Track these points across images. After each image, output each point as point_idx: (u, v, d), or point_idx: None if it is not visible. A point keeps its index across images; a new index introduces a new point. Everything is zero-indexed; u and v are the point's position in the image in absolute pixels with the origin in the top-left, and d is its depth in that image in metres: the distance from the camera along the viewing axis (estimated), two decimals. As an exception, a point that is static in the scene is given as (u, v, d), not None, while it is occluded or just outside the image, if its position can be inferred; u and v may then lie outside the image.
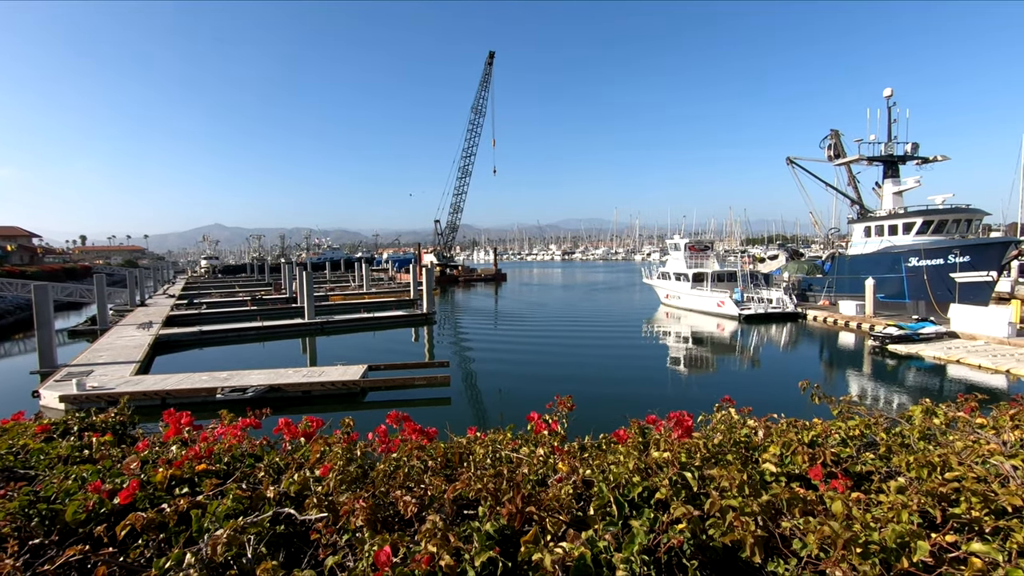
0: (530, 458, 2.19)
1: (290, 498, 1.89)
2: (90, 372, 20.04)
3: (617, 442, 2.80)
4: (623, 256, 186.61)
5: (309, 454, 2.29)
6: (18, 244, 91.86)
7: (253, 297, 48.36)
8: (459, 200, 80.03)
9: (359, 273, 65.13)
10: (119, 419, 3.36)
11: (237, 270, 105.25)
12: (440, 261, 78.07)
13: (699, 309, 38.77)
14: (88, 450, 2.53)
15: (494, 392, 20.47)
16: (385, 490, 1.83)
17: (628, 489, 1.80)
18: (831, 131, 42.59)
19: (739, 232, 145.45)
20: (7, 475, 2.14)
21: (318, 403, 18.16)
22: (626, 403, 16.99)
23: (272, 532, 1.63)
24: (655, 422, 3.00)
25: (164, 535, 1.68)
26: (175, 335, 30.21)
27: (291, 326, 33.92)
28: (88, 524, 1.72)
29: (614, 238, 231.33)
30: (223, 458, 2.22)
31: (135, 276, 47.31)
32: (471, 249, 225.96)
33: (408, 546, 1.45)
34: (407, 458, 2.11)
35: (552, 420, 2.78)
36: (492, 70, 75.28)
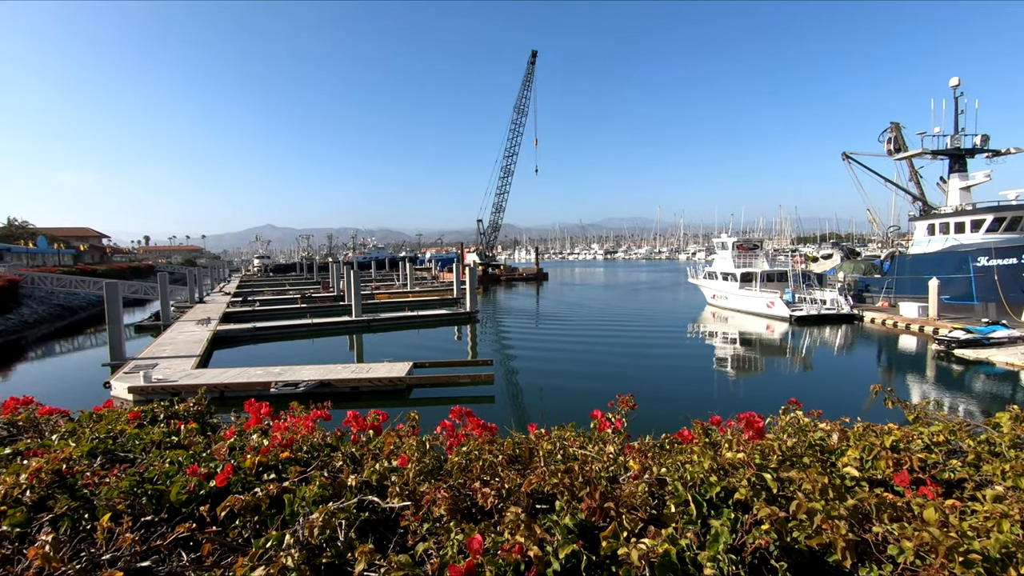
0: (600, 455, 2.20)
1: (371, 487, 1.96)
2: (155, 365, 21.18)
3: (681, 442, 2.78)
4: (667, 255, 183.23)
5: (383, 445, 2.37)
6: (90, 244, 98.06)
7: (303, 295, 50.00)
8: (501, 199, 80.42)
9: (403, 272, 66.42)
10: (197, 409, 3.57)
11: (287, 269, 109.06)
12: (482, 260, 78.65)
13: (747, 310, 37.65)
14: (177, 436, 2.70)
15: (536, 391, 20.51)
16: (463, 482, 1.88)
17: (705, 489, 1.78)
18: (891, 124, 40.51)
19: (789, 230, 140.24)
20: (110, 457, 2.31)
21: (366, 398, 18.65)
22: (672, 404, 16.69)
23: (359, 518, 1.70)
24: (719, 423, 2.96)
25: (259, 517, 1.78)
26: (231, 331, 31.59)
27: (339, 323, 34.89)
28: (191, 504, 1.84)
29: (658, 237, 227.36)
30: (303, 447, 2.32)
31: (194, 275, 49.75)
32: (513, 248, 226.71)
33: (493, 536, 1.49)
34: (478, 452, 2.15)
35: (616, 419, 2.78)
36: (535, 69, 75.27)
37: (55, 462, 1.95)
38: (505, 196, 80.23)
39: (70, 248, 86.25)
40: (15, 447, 2.36)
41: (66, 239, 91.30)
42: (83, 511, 1.76)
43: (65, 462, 1.98)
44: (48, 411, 3.14)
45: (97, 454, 2.29)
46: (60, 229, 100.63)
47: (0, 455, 2.26)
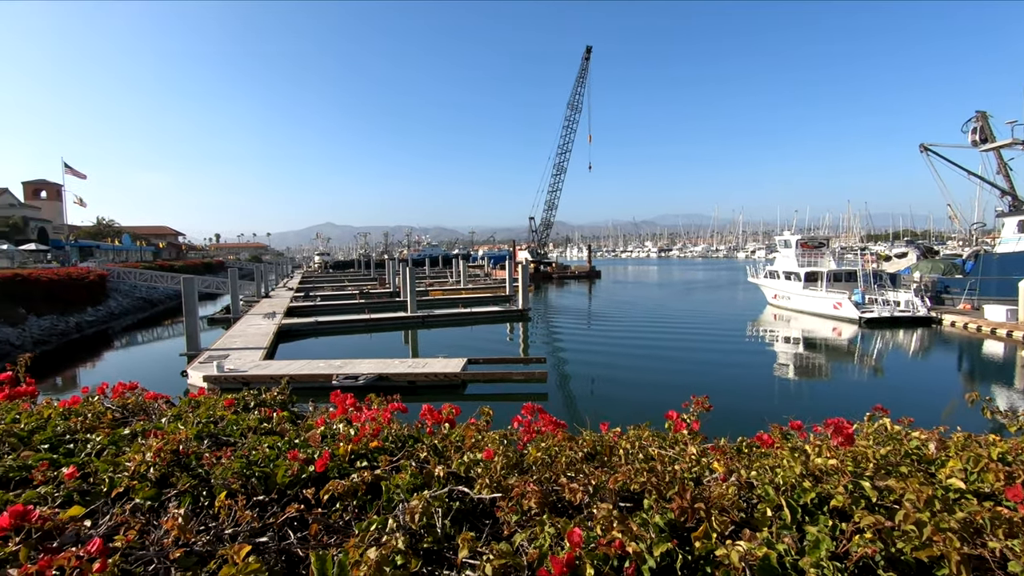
0: (681, 456, 2.18)
1: (457, 477, 2.03)
2: (227, 356, 22.46)
3: (759, 445, 2.72)
4: (724, 253, 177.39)
5: (463, 438, 2.45)
6: (167, 242, 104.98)
7: (361, 291, 51.67)
8: (554, 197, 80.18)
9: (456, 269, 67.42)
10: (281, 398, 3.78)
11: (346, 265, 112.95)
12: (534, 258, 78.71)
13: (812, 311, 35.95)
14: (268, 423, 2.88)
15: (588, 390, 20.38)
16: (549, 476, 1.92)
17: (798, 494, 1.74)
18: (976, 113, 37.56)
19: (859, 227, 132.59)
20: (215, 440, 2.49)
21: (422, 392, 19.08)
22: (734, 407, 16.19)
23: (451, 508, 1.77)
24: (800, 428, 2.88)
25: (356, 502, 1.88)
26: (295, 325, 33.04)
27: (395, 319, 35.81)
28: (294, 487, 1.97)
29: (715, 234, 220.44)
30: (388, 437, 2.42)
31: (260, 271, 52.33)
32: (565, 246, 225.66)
33: (586, 531, 1.52)
34: (558, 448, 2.19)
35: (692, 420, 2.75)
36: (589, 65, 74.52)
37: (173, 443, 2.13)
38: (558, 193, 79.97)
39: (150, 245, 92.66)
40: (132, 428, 2.58)
41: (147, 237, 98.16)
42: (201, 489, 1.92)
43: (180, 443, 2.16)
44: (153, 396, 3.41)
45: (203, 437, 2.48)
46: (141, 227, 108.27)
47: (121, 435, 2.48)
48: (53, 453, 2.26)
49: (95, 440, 2.41)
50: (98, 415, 2.81)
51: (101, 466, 2.06)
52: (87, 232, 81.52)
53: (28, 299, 32.45)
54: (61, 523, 1.54)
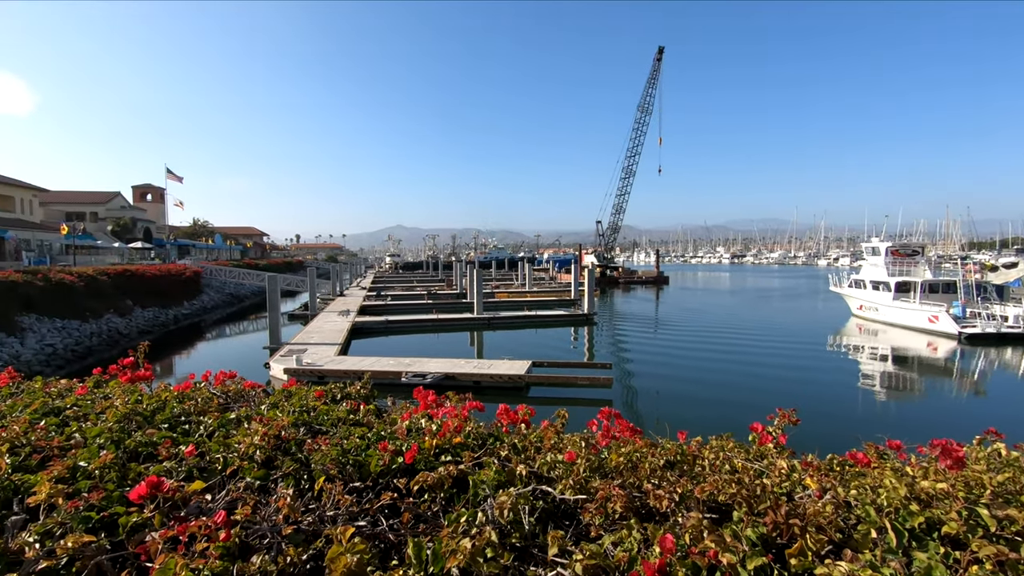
0: (769, 469, 2.11)
1: (538, 477, 2.07)
2: (305, 350, 23.73)
3: (854, 464, 2.58)
4: (803, 260, 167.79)
5: (542, 439, 2.48)
6: (253, 241, 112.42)
7: (429, 292, 53.08)
8: (622, 200, 78.97)
9: (522, 272, 67.81)
10: (364, 392, 3.97)
11: (415, 267, 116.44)
12: (600, 262, 77.81)
13: (903, 324, 33.31)
14: (355, 415, 3.03)
15: (653, 397, 19.89)
16: (633, 481, 1.91)
17: (903, 517, 1.64)
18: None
19: (959, 234, 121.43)
20: (309, 429, 2.66)
21: (487, 393, 19.31)
22: (817, 424, 15.28)
23: (536, 506, 1.81)
24: (899, 449, 2.71)
25: (443, 494, 1.96)
26: (367, 323, 34.41)
27: (461, 319, 36.50)
28: (385, 476, 2.08)
29: (793, 240, 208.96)
30: (470, 434, 2.50)
31: (336, 270, 54.96)
32: (632, 250, 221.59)
33: (675, 539, 1.51)
34: (640, 455, 2.17)
35: (779, 433, 2.65)
36: (661, 66, 72.89)
37: (275, 428, 2.29)
38: (626, 197, 78.69)
39: (239, 245, 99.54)
40: (237, 414, 2.80)
41: (236, 236, 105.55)
42: (302, 472, 2.06)
43: (282, 429, 2.32)
44: (250, 385, 3.68)
45: (299, 425, 2.66)
46: (231, 228, 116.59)
47: (228, 419, 2.70)
48: (172, 432, 2.50)
49: (206, 422, 2.64)
50: (207, 400, 3.08)
51: (214, 446, 2.26)
52: (184, 232, 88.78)
53: (135, 292, 35.76)
54: (187, 495, 1.71)
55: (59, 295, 28.58)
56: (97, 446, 2.15)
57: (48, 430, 2.37)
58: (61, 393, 3.30)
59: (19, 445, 2.14)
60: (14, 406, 2.75)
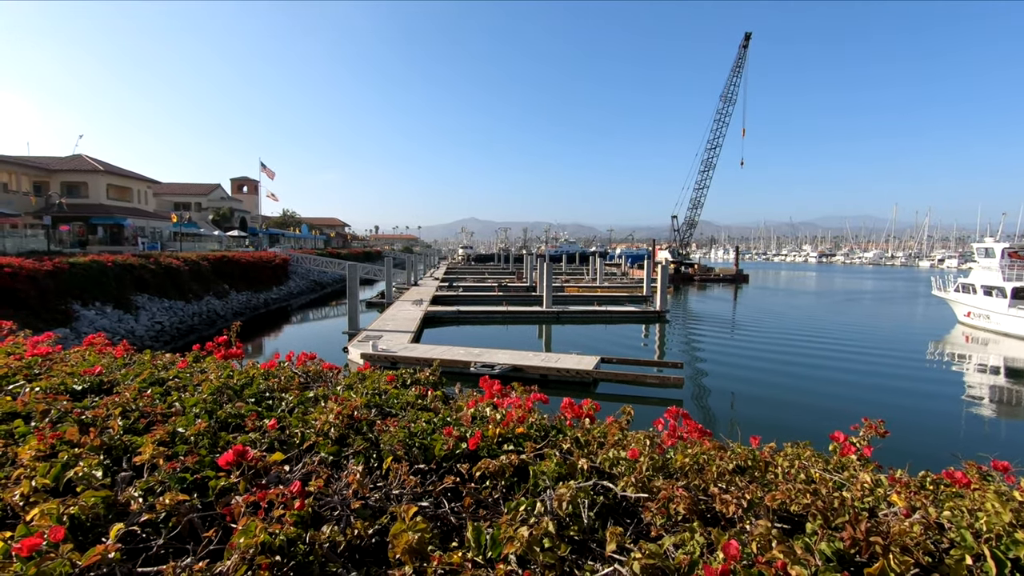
0: (850, 482, 1.97)
1: (599, 472, 2.05)
2: (380, 336, 24.74)
3: (950, 483, 2.35)
4: (902, 261, 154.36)
5: (605, 434, 2.45)
6: (336, 232, 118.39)
7: (499, 284, 53.67)
8: (700, 195, 75.97)
9: (593, 267, 67.03)
10: (433, 379, 4.09)
11: (487, 259, 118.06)
12: (675, 258, 75.39)
13: (1019, 334, 29.92)
14: (423, 400, 3.13)
15: (727, 399, 19.08)
16: (699, 483, 1.85)
17: (1006, 545, 1.49)
18: None
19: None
20: (379, 411, 2.78)
21: (553, 387, 19.27)
22: (904, 439, 14.11)
23: (595, 501, 1.79)
24: (1006, 470, 2.44)
25: (504, 482, 1.99)
26: (439, 312, 35.35)
27: (530, 312, 36.64)
28: (448, 460, 2.14)
29: (891, 239, 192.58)
30: (533, 425, 2.51)
31: (411, 261, 56.81)
32: (709, 247, 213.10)
33: (740, 547, 1.45)
34: (707, 457, 2.10)
35: (863, 445, 2.47)
36: (747, 53, 69.21)
37: (349, 408, 2.42)
38: (704, 191, 75.61)
39: (322, 235, 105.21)
40: (315, 393, 2.98)
41: (320, 227, 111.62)
42: (372, 451, 2.16)
43: (355, 409, 2.44)
44: (328, 366, 3.89)
45: (371, 407, 2.78)
46: (316, 219, 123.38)
47: (307, 397, 2.87)
48: (257, 406, 2.69)
49: (287, 399, 2.83)
50: (289, 378, 3.29)
51: (293, 422, 2.42)
52: (275, 222, 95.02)
53: (231, 277, 38.75)
54: (268, 464, 1.84)
55: (167, 278, 31.55)
56: (193, 415, 2.36)
57: (154, 398, 2.63)
58: (166, 366, 3.65)
59: (129, 410, 2.39)
60: (127, 375, 3.07)
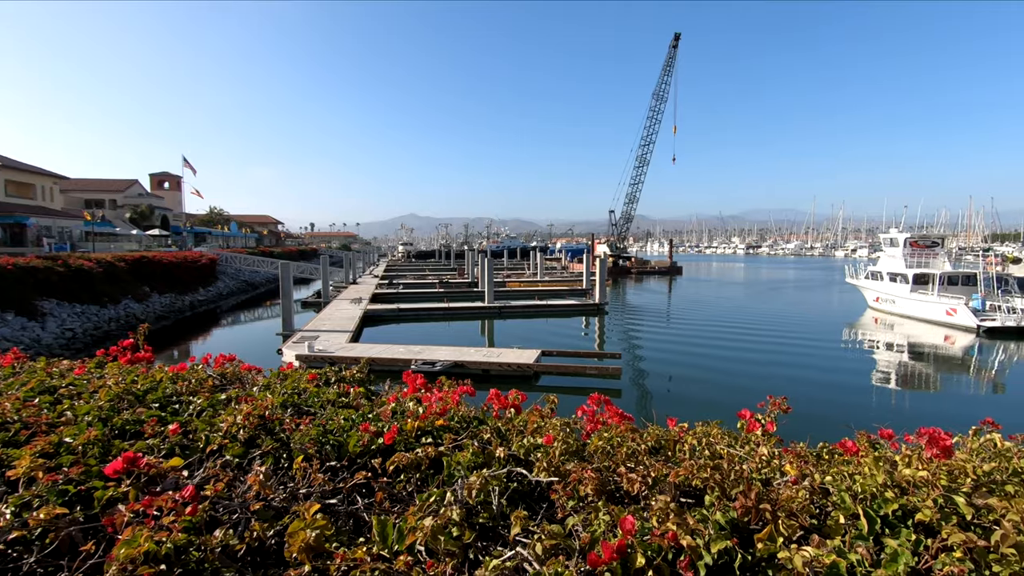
0: (750, 455, 2.09)
1: (517, 459, 2.07)
2: (317, 337, 23.98)
3: (842, 453, 2.54)
4: (820, 252, 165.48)
5: (526, 423, 2.48)
6: (268, 229, 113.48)
7: (440, 280, 53.24)
8: (635, 190, 78.28)
9: (534, 261, 67.71)
10: (360, 376, 4.00)
11: (427, 255, 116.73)
12: (613, 252, 77.37)
13: (920, 317, 32.77)
14: (346, 398, 3.06)
15: (664, 388, 19.85)
16: (608, 465, 1.90)
17: (878, 504, 1.62)
18: None
19: (981, 226, 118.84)
20: (297, 410, 2.69)
21: (495, 381, 19.34)
22: (823, 414, 15.18)
23: (508, 487, 1.81)
24: (891, 437, 2.66)
25: (419, 475, 1.97)
26: (378, 310, 34.65)
27: (472, 308, 36.60)
28: (363, 456, 2.09)
29: (810, 231, 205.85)
30: (454, 417, 2.50)
31: (349, 258, 55.34)
32: (645, 240, 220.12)
33: (641, 521, 1.50)
34: (621, 439, 2.16)
35: (767, 420, 2.62)
36: (677, 53, 71.76)
37: (260, 408, 2.32)
38: (639, 186, 77.96)
39: (254, 233, 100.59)
40: (228, 394, 2.84)
41: (251, 225, 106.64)
42: (282, 451, 2.09)
43: (266, 409, 2.35)
44: (247, 367, 3.73)
45: (287, 406, 2.68)
46: (246, 216, 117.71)
47: (218, 399, 2.73)
48: (162, 411, 2.54)
49: (196, 402, 2.68)
50: (201, 381, 3.12)
51: (200, 425, 2.29)
52: (201, 220, 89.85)
53: (151, 279, 36.34)
54: (163, 471, 1.74)
55: (78, 281, 29.17)
56: (86, 423, 2.19)
57: (41, 407, 2.42)
58: (63, 373, 3.37)
59: (9, 422, 2.19)
60: (11, 384, 2.81)
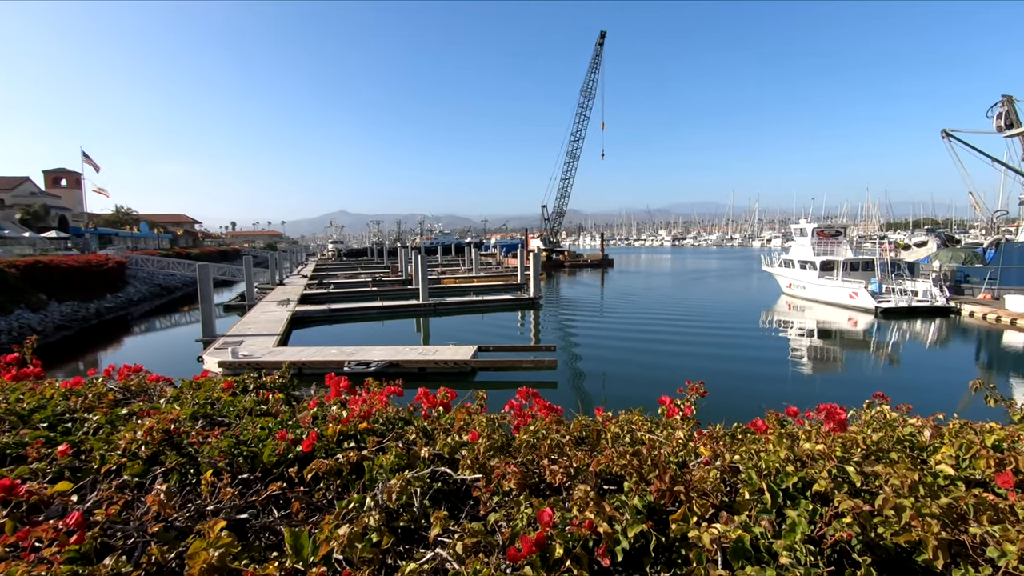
0: (668, 440, 2.17)
1: (442, 459, 2.04)
2: (241, 342, 22.75)
3: (754, 431, 2.70)
4: (740, 242, 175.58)
5: (453, 421, 2.46)
6: (184, 229, 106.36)
7: (373, 279, 51.98)
8: (566, 185, 79.70)
9: (469, 257, 67.53)
10: (282, 381, 3.82)
11: (359, 253, 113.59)
12: (546, 246, 78.46)
13: (827, 300, 35.51)
14: (265, 405, 2.91)
15: (599, 378, 20.39)
16: (531, 459, 1.92)
17: (781, 478, 1.73)
18: (1002, 97, 36.37)
19: (878, 216, 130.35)
20: (209, 421, 2.53)
21: (432, 379, 19.20)
22: (743, 396, 16.12)
23: (432, 488, 1.78)
24: (796, 415, 2.84)
25: (340, 481, 1.90)
26: (308, 312, 33.38)
27: (407, 306, 36.02)
28: (280, 466, 2.00)
29: (730, 223, 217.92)
30: (379, 419, 2.44)
31: (275, 258, 52.88)
32: (577, 234, 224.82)
33: (562, 512, 1.52)
34: (546, 431, 2.18)
35: (685, 405, 2.73)
36: (603, 51, 73.53)
37: (165, 422, 2.16)
38: (570, 181, 79.45)
39: (167, 233, 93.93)
40: (130, 408, 2.63)
41: (164, 225, 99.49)
42: (189, 467, 1.95)
43: (173, 423, 2.19)
44: (155, 378, 3.47)
45: (198, 417, 2.52)
46: (159, 215, 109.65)
47: (118, 415, 2.52)
48: (51, 431, 2.31)
49: (93, 419, 2.46)
50: (99, 396, 2.87)
51: (95, 444, 2.10)
52: (106, 220, 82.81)
53: (49, 285, 33.12)
54: (47, 497, 1.58)
55: (-41, 290, 26.14)
56: (-45, 451, 1.96)
57: (-102, 436, 2.14)
58: (-69, 395, 3.00)
59: None
60: None
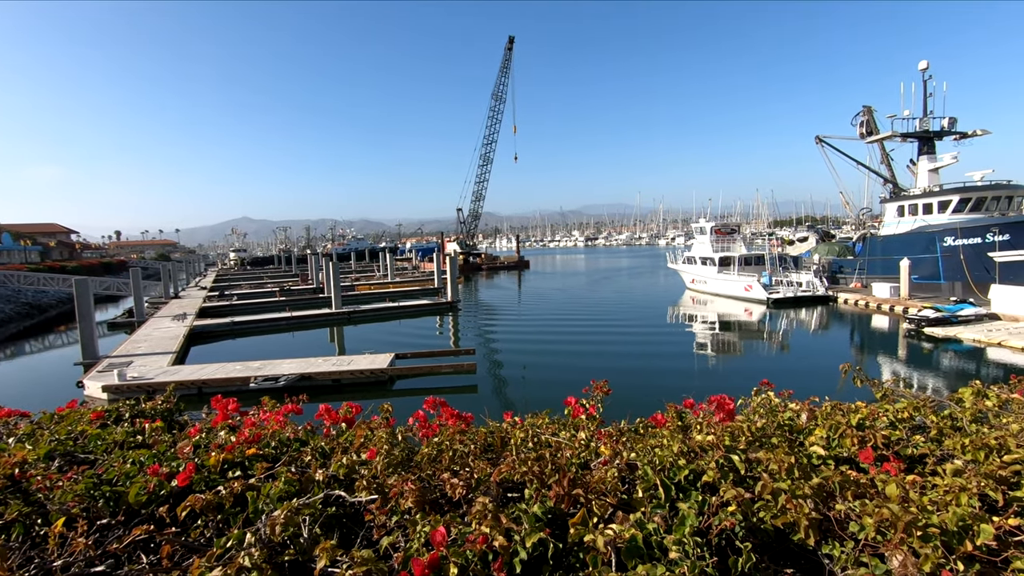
0: (571, 442, 2.19)
1: (339, 481, 1.93)
2: (130, 363, 20.71)
3: (655, 426, 2.79)
4: (647, 241, 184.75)
5: (353, 438, 2.34)
6: (58, 240, 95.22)
7: (281, 288, 49.25)
8: (481, 188, 80.00)
9: (384, 263, 65.84)
10: (166, 407, 3.48)
11: (265, 262, 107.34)
12: (463, 249, 78.30)
13: (726, 294, 38.23)
14: (141, 435, 2.62)
15: (519, 379, 20.59)
16: (432, 473, 1.86)
17: (674, 472, 1.79)
18: (863, 107, 41.05)
19: (767, 214, 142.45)
20: (69, 459, 2.23)
21: (348, 391, 18.48)
22: (651, 389, 16.90)
23: (324, 514, 1.67)
24: (692, 406, 2.98)
25: (221, 516, 1.73)
26: (208, 326, 31.02)
27: (319, 316, 34.49)
28: (150, 505, 1.79)
29: (638, 223, 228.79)
30: (271, 443, 2.27)
31: (168, 269, 48.61)
32: (494, 237, 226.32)
33: (459, 527, 1.48)
34: (449, 442, 2.13)
35: (589, 405, 2.78)
36: (512, 55, 74.57)
37: (7, 466, 1.87)
38: (485, 184, 79.84)
39: (37, 245, 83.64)
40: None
41: (32, 235, 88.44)
42: (36, 516, 1.70)
43: (18, 466, 1.91)
44: (7, 413, 3.03)
45: (55, 456, 2.22)
46: (26, 225, 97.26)
47: (-50, 461, 2.16)
48: None
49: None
50: (-74, 439, 2.46)
51: (-85, 499, 1.78)
52: (-43, 232, 72.33)
53: None
54: None
55: None
56: None
57: None
58: None
59: None
60: None
